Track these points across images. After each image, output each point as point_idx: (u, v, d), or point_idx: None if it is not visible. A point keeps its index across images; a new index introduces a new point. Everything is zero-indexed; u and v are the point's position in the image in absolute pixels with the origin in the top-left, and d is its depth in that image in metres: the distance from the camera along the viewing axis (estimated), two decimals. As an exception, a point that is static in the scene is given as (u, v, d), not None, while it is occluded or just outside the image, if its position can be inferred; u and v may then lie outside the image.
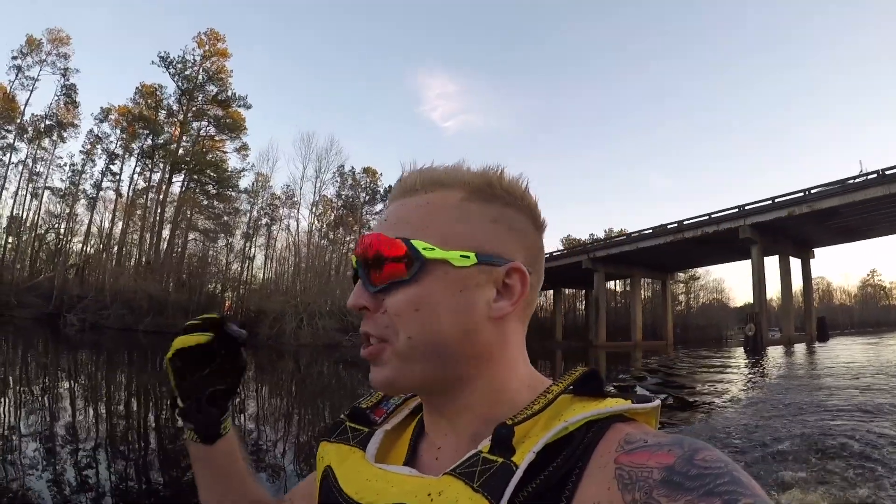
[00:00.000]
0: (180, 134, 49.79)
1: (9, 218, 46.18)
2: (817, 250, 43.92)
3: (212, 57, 50.28)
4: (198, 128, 51.38)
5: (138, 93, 49.49)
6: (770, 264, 38.20)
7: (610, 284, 66.49)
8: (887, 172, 30.36)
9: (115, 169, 49.82)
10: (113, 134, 49.82)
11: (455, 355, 0.58)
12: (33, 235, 47.78)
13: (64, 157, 51.92)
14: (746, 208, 36.80)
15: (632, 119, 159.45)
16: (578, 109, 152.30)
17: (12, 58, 46.11)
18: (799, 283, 44.93)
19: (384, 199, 52.56)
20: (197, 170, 49.42)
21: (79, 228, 49.64)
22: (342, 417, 0.73)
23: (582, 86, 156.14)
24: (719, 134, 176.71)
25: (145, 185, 50.36)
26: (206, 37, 50.18)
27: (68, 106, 48.38)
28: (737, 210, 37.51)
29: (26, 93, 46.52)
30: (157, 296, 39.31)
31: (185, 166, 49.12)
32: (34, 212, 47.99)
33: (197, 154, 49.74)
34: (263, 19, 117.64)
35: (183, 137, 50.14)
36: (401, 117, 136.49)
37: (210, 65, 50.28)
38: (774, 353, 25.56)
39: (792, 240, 39.31)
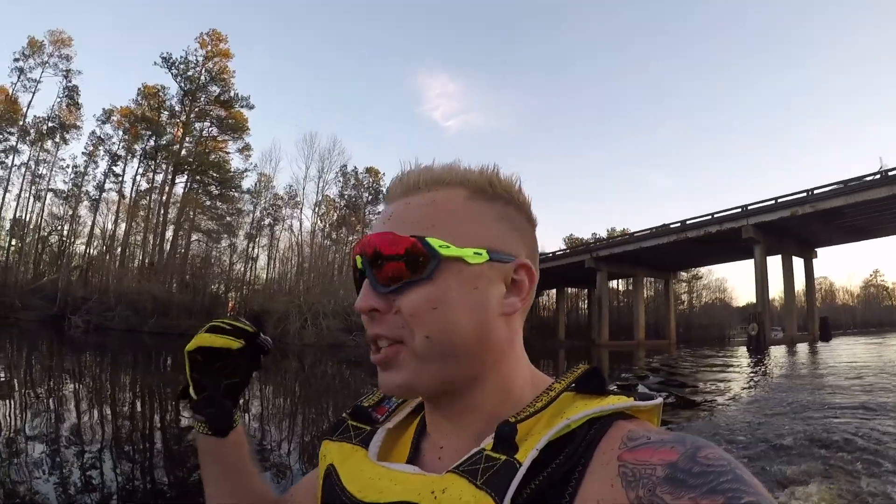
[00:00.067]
0: (183, 135, 49.83)
1: (12, 220, 46.20)
2: (820, 250, 43.84)
3: (214, 57, 50.36)
4: (200, 128, 51.45)
5: (140, 94, 49.54)
6: (773, 264, 38.26)
7: (613, 284, 66.48)
8: (890, 173, 30.34)
9: (118, 170, 49.91)
10: (115, 135, 49.82)
11: (470, 353, 0.58)
12: (36, 238, 47.70)
13: (66, 159, 51.65)
14: (749, 208, 36.75)
15: (632, 119, 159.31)
16: (579, 109, 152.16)
17: (14, 60, 46.08)
18: (802, 283, 44.78)
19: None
20: (200, 170, 49.51)
21: (82, 230, 49.63)
22: (344, 416, 0.73)
23: (582, 86, 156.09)
24: (719, 134, 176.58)
25: (148, 187, 50.42)
26: (209, 37, 50.25)
27: (70, 108, 48.29)
28: (740, 210, 37.47)
29: (28, 95, 46.52)
30: (162, 297, 39.33)
31: (187, 167, 49.19)
32: (37, 214, 47.95)
33: (199, 155, 49.77)
34: (263, 19, 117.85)
35: (185, 138, 50.19)
36: (402, 117, 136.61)
37: (212, 65, 50.35)
38: (777, 353, 25.48)
39: (795, 239, 39.24)
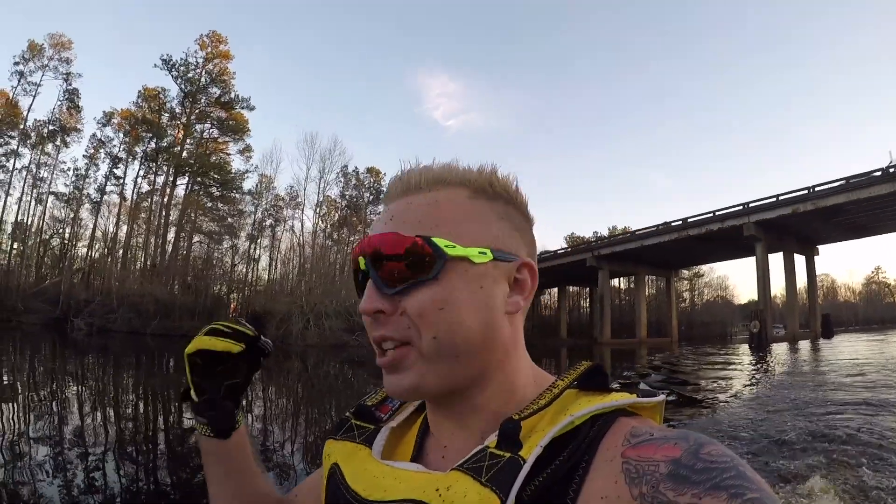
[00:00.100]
0: (184, 137, 49.93)
1: (13, 224, 46.32)
2: (822, 247, 43.94)
3: (214, 59, 50.48)
4: (201, 130, 51.57)
5: (141, 96, 49.67)
6: (774, 261, 38.27)
7: (614, 282, 66.64)
8: (891, 170, 30.34)
9: (119, 173, 50.04)
10: (116, 138, 49.98)
11: (477, 352, 0.58)
12: (38, 241, 47.79)
13: (67, 162, 52.38)
14: (751, 206, 36.84)
15: (632, 119, 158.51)
16: (579, 109, 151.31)
17: (14, 63, 46.21)
18: (803, 280, 44.79)
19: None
20: (201, 172, 49.61)
21: (83, 233, 49.80)
22: (348, 415, 0.73)
23: (582, 85, 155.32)
24: (719, 134, 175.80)
25: (149, 189, 50.58)
26: (209, 39, 50.36)
27: (71, 111, 48.40)
28: (741, 207, 37.54)
29: (29, 98, 46.63)
30: (164, 299, 39.42)
31: (188, 169, 49.31)
32: (38, 217, 48.10)
33: (200, 156, 49.89)
34: (263, 19, 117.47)
35: (186, 140, 50.29)
36: (401, 117, 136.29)
37: (213, 67, 50.48)
38: (779, 350, 25.50)
39: (796, 237, 39.28)
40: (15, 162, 46.14)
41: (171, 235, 49.34)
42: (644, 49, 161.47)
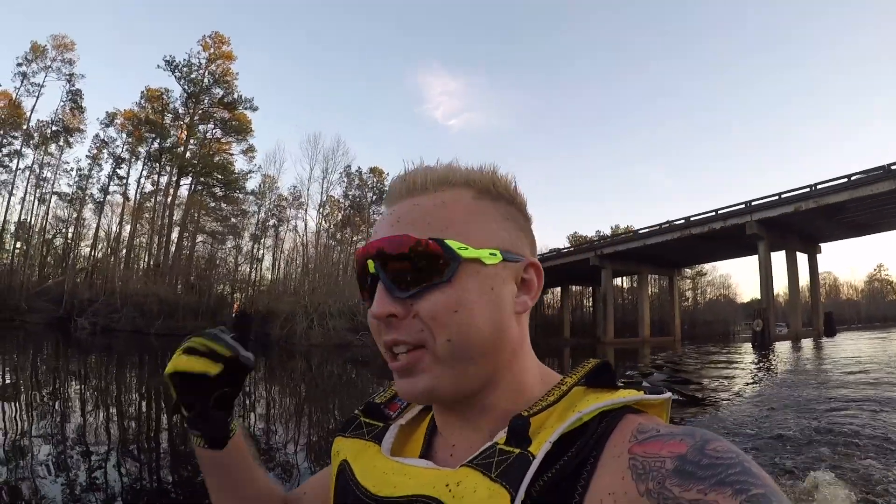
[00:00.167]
0: (187, 137, 49.97)
1: (17, 223, 46.43)
2: (824, 245, 43.79)
3: (217, 60, 50.47)
4: (204, 130, 51.58)
5: (144, 97, 49.73)
6: (777, 260, 38.15)
7: (617, 281, 66.45)
8: (892, 168, 30.29)
9: (122, 173, 50.01)
10: (119, 138, 49.94)
11: (489, 353, 0.58)
12: (41, 240, 47.87)
13: (70, 162, 52.03)
14: (753, 204, 36.72)
15: (632, 118, 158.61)
16: (579, 109, 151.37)
17: (17, 64, 46.21)
18: (806, 279, 44.77)
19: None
20: (204, 172, 49.61)
21: (86, 233, 49.80)
22: (357, 413, 0.74)
23: (582, 85, 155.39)
24: (720, 133, 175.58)
25: (152, 189, 50.58)
26: (211, 40, 50.39)
27: (74, 111, 48.43)
28: (743, 206, 37.43)
29: (32, 99, 46.70)
30: (168, 298, 39.52)
31: (192, 169, 49.33)
32: (42, 217, 48.14)
33: (204, 157, 49.89)
34: (263, 20, 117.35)
35: (189, 140, 50.31)
36: (402, 116, 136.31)
37: (215, 68, 50.51)
38: (782, 349, 25.52)
39: (798, 235, 39.17)
40: (18, 162, 46.30)
41: (174, 235, 49.49)
42: (644, 49, 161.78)
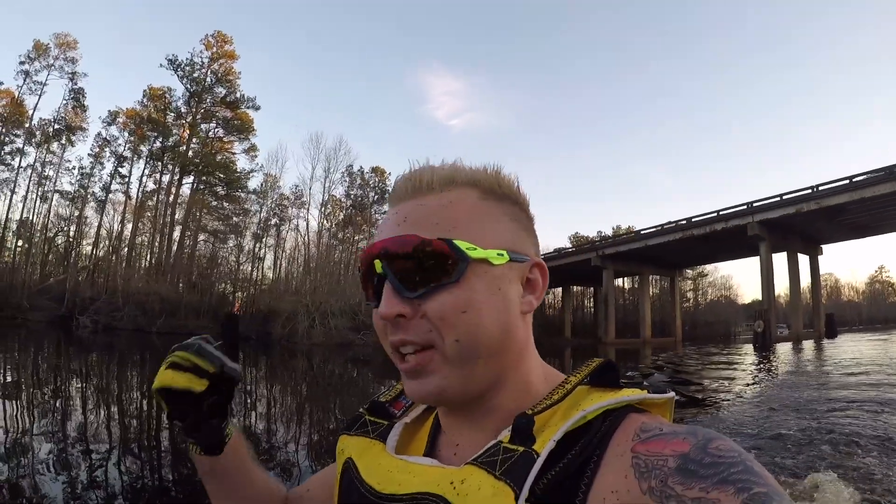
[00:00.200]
0: (189, 136, 50.04)
1: (19, 221, 46.46)
2: (825, 247, 43.84)
3: (219, 59, 50.55)
4: (206, 129, 51.66)
5: (146, 96, 49.78)
6: (778, 261, 38.18)
7: (618, 281, 66.58)
8: (894, 169, 30.31)
9: (124, 171, 50.01)
10: (121, 136, 50.00)
11: (497, 354, 0.58)
12: (43, 238, 47.84)
13: (72, 161, 52.00)
14: (754, 205, 36.75)
15: (632, 119, 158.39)
16: (579, 109, 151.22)
17: (20, 63, 46.25)
18: (807, 280, 44.85)
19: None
20: (206, 171, 49.69)
21: (88, 231, 49.80)
22: (361, 411, 0.74)
23: (582, 85, 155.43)
24: (720, 133, 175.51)
25: (154, 188, 50.66)
26: (214, 39, 50.44)
27: (76, 110, 48.51)
28: (745, 207, 37.47)
29: (34, 97, 46.74)
30: (170, 297, 39.58)
31: (193, 168, 49.40)
32: (44, 215, 48.12)
33: (206, 156, 49.98)
34: (263, 19, 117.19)
35: (192, 139, 50.38)
36: (405, 116, 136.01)
37: (218, 67, 50.58)
38: (783, 350, 25.53)
39: (800, 236, 39.22)
40: (20, 160, 46.35)
41: (176, 234, 49.56)
42: (644, 49, 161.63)
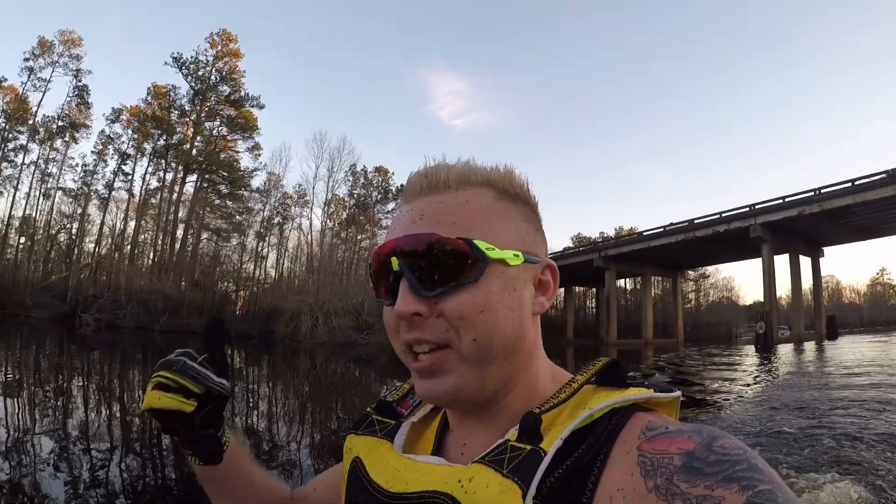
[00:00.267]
0: (193, 134, 50.09)
1: (21, 218, 46.45)
2: (827, 249, 43.85)
3: (224, 57, 50.65)
4: (210, 128, 51.70)
5: (150, 93, 49.78)
6: (780, 263, 38.24)
7: (620, 282, 66.51)
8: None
9: (127, 169, 50.08)
10: (125, 134, 49.99)
11: (510, 354, 0.59)
12: (46, 236, 47.79)
13: (76, 158, 52.16)
14: (757, 207, 36.78)
15: (632, 119, 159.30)
16: (579, 109, 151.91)
17: (24, 59, 46.23)
18: (809, 282, 44.88)
19: (396, 197, 52.80)
20: (210, 169, 49.75)
21: (91, 229, 49.78)
22: (369, 410, 0.75)
23: (582, 85, 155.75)
24: (720, 133, 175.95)
25: (158, 185, 50.69)
26: (219, 37, 50.53)
27: (80, 107, 48.52)
28: (747, 209, 37.49)
29: (38, 94, 46.71)
30: (172, 295, 39.64)
31: (197, 166, 49.45)
32: (46, 212, 48.11)
33: (210, 154, 49.98)
34: (263, 19, 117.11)
35: (196, 137, 50.43)
36: (408, 116, 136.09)
37: (223, 65, 50.67)
38: (785, 351, 25.55)
39: (802, 238, 39.21)
40: (24, 157, 46.35)
41: (179, 232, 49.62)
42: (644, 49, 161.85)
